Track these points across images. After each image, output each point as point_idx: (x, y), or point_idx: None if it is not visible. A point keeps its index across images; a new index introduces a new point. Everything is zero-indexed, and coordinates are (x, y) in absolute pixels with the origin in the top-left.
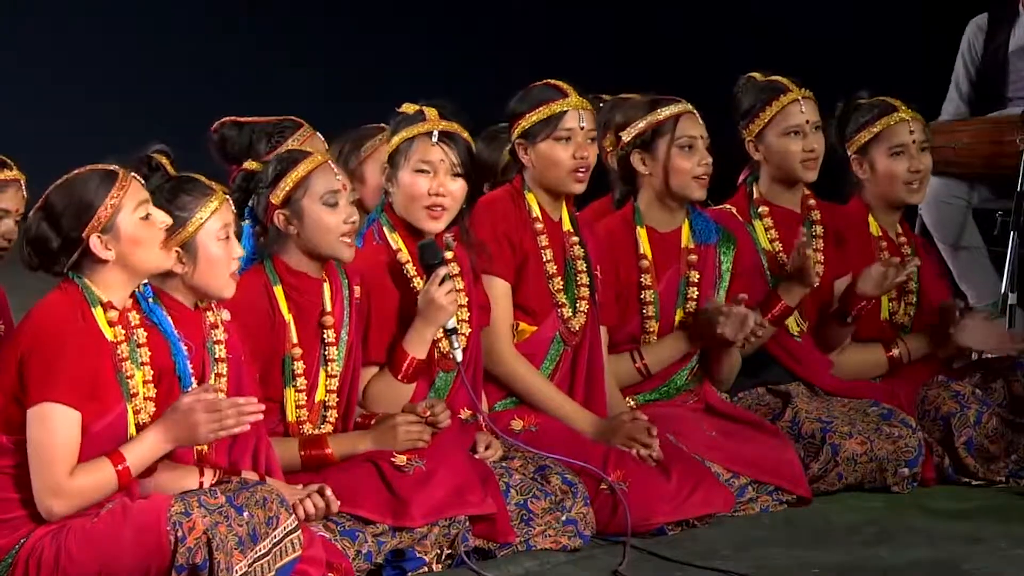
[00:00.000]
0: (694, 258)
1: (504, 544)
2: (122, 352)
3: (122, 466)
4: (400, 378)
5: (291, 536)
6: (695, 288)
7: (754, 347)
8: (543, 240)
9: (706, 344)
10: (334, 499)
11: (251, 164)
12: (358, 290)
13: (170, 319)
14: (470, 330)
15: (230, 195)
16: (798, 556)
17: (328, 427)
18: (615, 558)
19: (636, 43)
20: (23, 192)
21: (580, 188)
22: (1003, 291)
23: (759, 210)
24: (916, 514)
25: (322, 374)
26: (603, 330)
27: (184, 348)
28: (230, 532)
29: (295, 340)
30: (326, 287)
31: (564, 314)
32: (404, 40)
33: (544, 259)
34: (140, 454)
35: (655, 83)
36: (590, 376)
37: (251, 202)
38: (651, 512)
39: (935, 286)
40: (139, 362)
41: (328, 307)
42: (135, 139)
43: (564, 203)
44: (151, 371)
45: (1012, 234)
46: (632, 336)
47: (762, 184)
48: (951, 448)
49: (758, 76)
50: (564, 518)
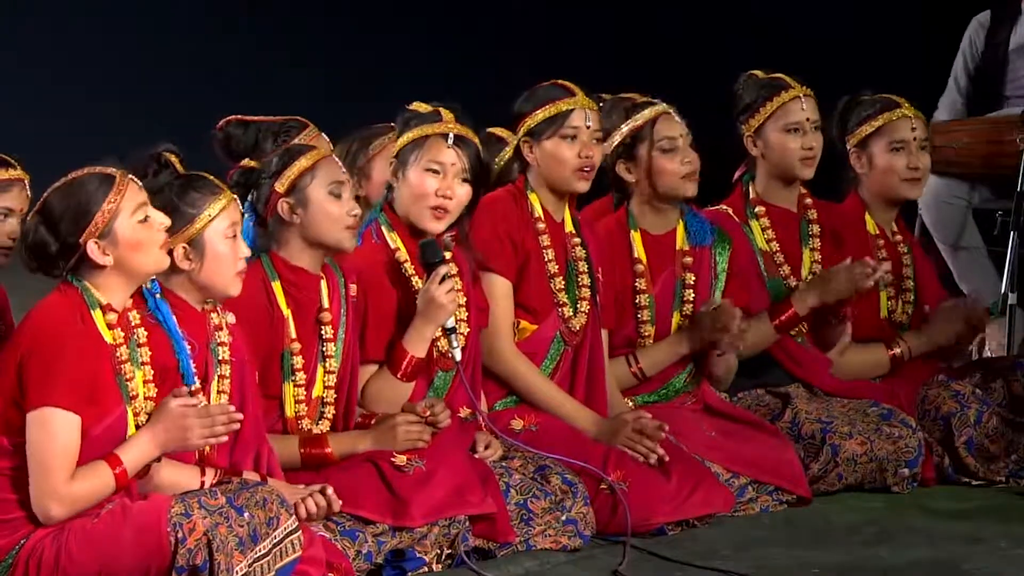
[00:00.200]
0: (689, 260)
1: (504, 544)
2: (121, 355)
3: (119, 469)
4: (399, 376)
5: (291, 536)
6: (691, 290)
7: (755, 349)
8: (545, 240)
9: (702, 348)
10: (336, 499)
11: (249, 162)
12: (354, 288)
13: (174, 317)
14: (468, 330)
15: (232, 192)
16: (798, 556)
17: (326, 424)
18: (615, 558)
19: (636, 43)
20: (27, 191)
21: (584, 187)
22: (1003, 291)
23: (755, 210)
24: (916, 514)
25: (320, 370)
26: (604, 333)
27: (187, 346)
28: (230, 533)
29: (293, 335)
30: (323, 284)
31: (565, 314)
32: (404, 40)
33: (545, 259)
34: (134, 456)
35: (655, 83)
36: (591, 376)
37: (250, 196)
38: (651, 512)
39: (932, 285)
40: (139, 362)
41: (326, 304)
42: (135, 139)
43: (567, 204)
44: (151, 371)
45: (1012, 234)
46: (628, 340)
47: (759, 182)
48: (951, 448)
49: (759, 73)
50: (564, 518)
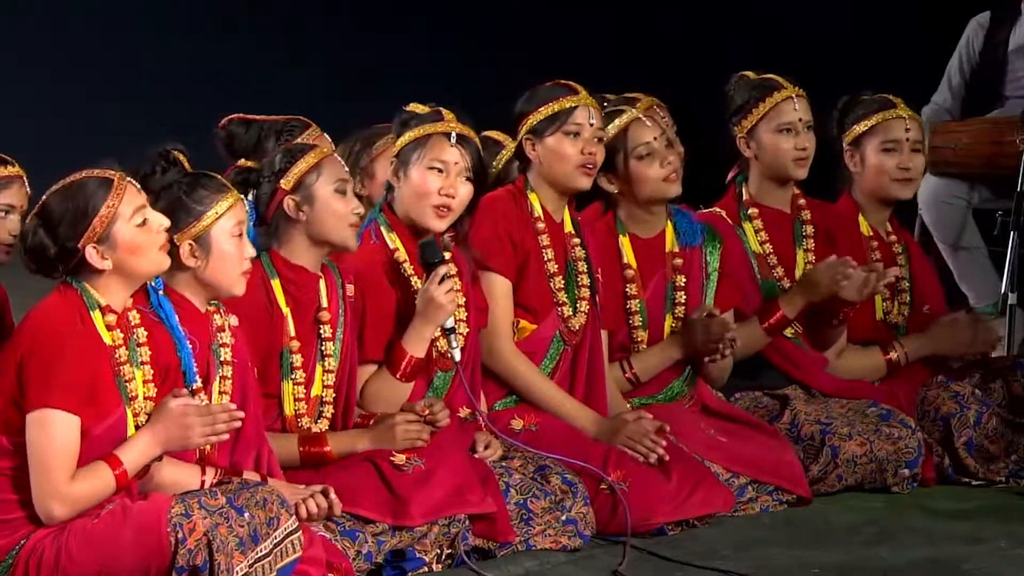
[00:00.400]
0: (679, 262)
1: (504, 544)
2: (120, 356)
3: (120, 470)
4: (398, 376)
5: (292, 537)
6: (682, 292)
7: (747, 353)
8: (544, 239)
9: (695, 354)
10: (337, 502)
11: (245, 162)
12: (351, 288)
13: (177, 316)
14: (467, 330)
15: None
16: (798, 556)
17: (325, 423)
18: (615, 558)
19: (636, 43)
20: (26, 188)
21: (587, 183)
22: (1003, 291)
23: (749, 212)
24: (916, 514)
25: (319, 369)
26: (604, 333)
27: (189, 345)
28: (231, 533)
29: (292, 334)
30: (322, 283)
31: (564, 313)
32: (404, 40)
33: (545, 258)
34: (134, 456)
35: (655, 84)
36: (590, 376)
37: (250, 196)
38: (651, 512)
39: (929, 285)
40: (139, 362)
41: (324, 303)
42: (135, 139)
43: (567, 204)
44: (151, 370)
45: (1012, 234)
46: (622, 345)
47: (752, 183)
48: (951, 448)
49: (751, 74)
50: (564, 518)
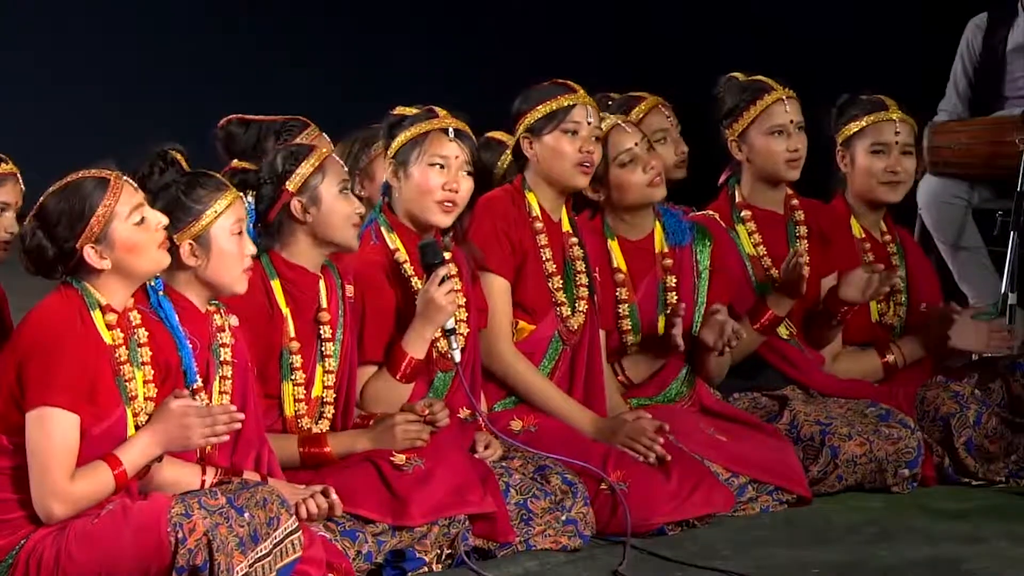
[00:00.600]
0: (669, 262)
1: (504, 544)
2: (121, 355)
3: (119, 470)
4: (398, 378)
5: (292, 537)
6: (674, 293)
7: (742, 355)
8: (542, 239)
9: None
10: (338, 502)
11: (239, 163)
12: (351, 289)
13: (177, 315)
14: (468, 330)
15: None
16: (798, 556)
17: (325, 423)
18: (615, 558)
19: (636, 43)
20: (20, 185)
21: (584, 182)
22: (1003, 291)
23: (742, 214)
24: (916, 514)
25: (319, 370)
26: (602, 333)
27: (189, 344)
28: (231, 533)
29: (292, 334)
30: (322, 283)
31: (563, 313)
32: (404, 40)
33: (543, 258)
34: (133, 456)
35: (655, 84)
36: (589, 376)
37: (250, 198)
38: (651, 512)
39: (925, 286)
40: (139, 362)
41: (324, 303)
42: (135, 139)
43: (564, 203)
44: (152, 371)
45: (1012, 234)
46: (614, 349)
47: (744, 185)
48: (951, 448)
49: (740, 76)
50: (564, 518)
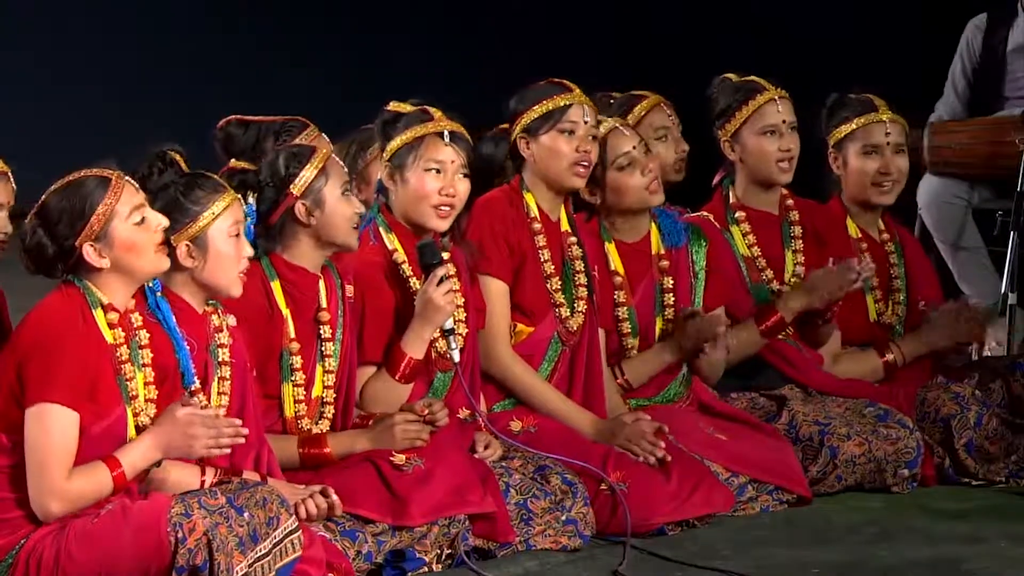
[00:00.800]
0: (666, 264)
1: (504, 544)
2: (122, 355)
3: (118, 471)
4: (398, 378)
5: (291, 536)
6: (671, 294)
7: (743, 356)
8: (540, 240)
9: (688, 356)
10: (338, 502)
11: (238, 163)
12: (350, 289)
13: (174, 317)
14: (466, 330)
15: None
16: (798, 556)
17: (326, 424)
18: (615, 558)
19: (636, 43)
20: (12, 184)
21: (581, 183)
22: (1003, 291)
23: (736, 215)
24: (916, 514)
25: (319, 370)
26: (601, 332)
27: (186, 346)
28: (230, 533)
29: (292, 335)
30: (322, 284)
31: (562, 314)
32: (404, 40)
33: (541, 259)
34: (134, 459)
35: (655, 84)
36: (589, 377)
37: (251, 199)
38: (651, 512)
39: (924, 284)
40: (140, 364)
41: (324, 304)
42: (135, 139)
43: (563, 203)
44: (152, 373)
45: (1012, 234)
46: (613, 351)
47: (738, 186)
48: (951, 449)
49: (733, 77)
50: (564, 518)
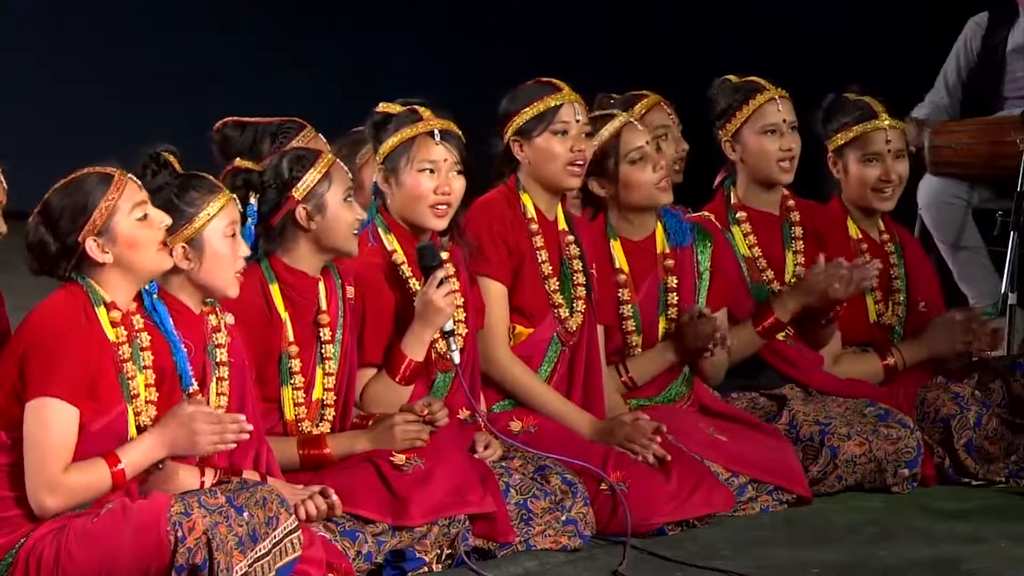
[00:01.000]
0: (671, 263)
1: (504, 544)
2: (124, 353)
3: (117, 468)
4: (398, 380)
5: (291, 536)
6: (675, 293)
7: (742, 356)
8: (538, 241)
9: (690, 356)
10: (338, 502)
11: (242, 162)
12: (351, 290)
13: (171, 319)
14: (466, 331)
15: None
16: (798, 556)
17: (326, 425)
18: (615, 558)
19: (636, 43)
20: (3, 183)
21: (576, 182)
22: (1003, 291)
23: (737, 215)
24: (916, 514)
25: (319, 372)
26: (600, 329)
27: (184, 349)
28: (230, 532)
29: (291, 338)
30: (321, 286)
31: (561, 315)
32: (404, 40)
33: (540, 260)
34: (135, 457)
35: (655, 84)
36: (588, 376)
37: (253, 200)
38: (651, 512)
39: (924, 285)
40: (141, 365)
41: (324, 306)
42: (135, 139)
43: (560, 201)
44: (153, 375)
45: (1012, 234)
46: (617, 349)
47: (739, 186)
48: (951, 449)
49: (734, 77)
50: (564, 518)
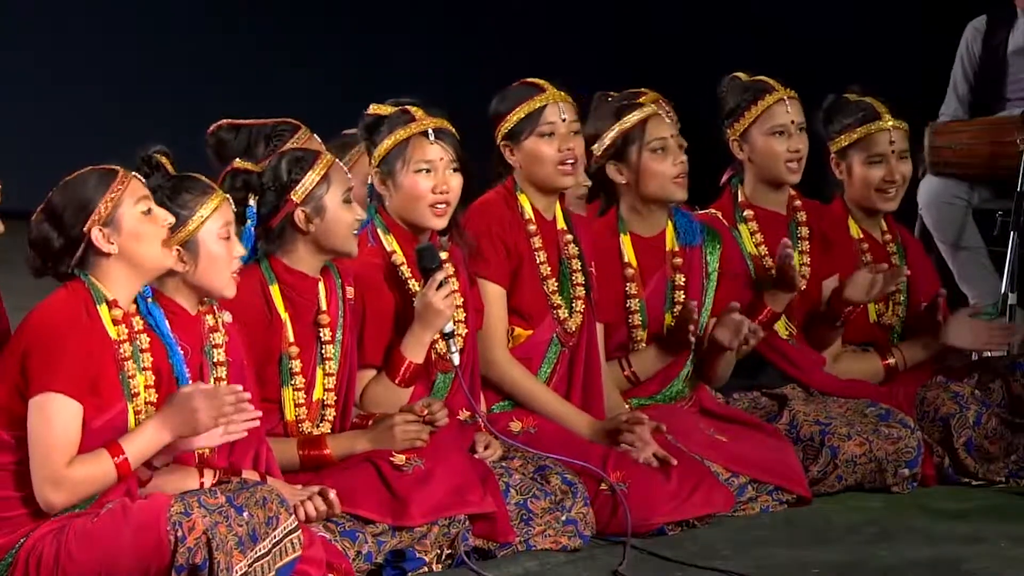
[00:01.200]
0: (679, 261)
1: (504, 544)
2: (124, 351)
3: (121, 458)
4: (397, 382)
5: (291, 536)
6: (681, 291)
7: (744, 352)
8: (536, 242)
9: (685, 348)
10: (336, 502)
11: (241, 163)
12: (351, 290)
13: (167, 322)
14: (466, 331)
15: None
16: (798, 556)
17: (327, 426)
18: (615, 558)
19: (636, 43)
20: None
21: (569, 182)
22: (1003, 291)
23: (744, 213)
24: (916, 514)
25: (319, 373)
26: (600, 328)
27: (180, 351)
28: (230, 532)
29: (292, 339)
30: (321, 286)
31: (560, 315)
32: (404, 40)
33: (538, 261)
34: (139, 446)
35: (655, 83)
36: (588, 376)
37: (252, 201)
38: (651, 512)
39: (925, 286)
40: (141, 366)
41: (324, 306)
42: (135, 139)
43: (558, 200)
44: (153, 376)
45: (1012, 234)
46: (621, 344)
47: (747, 185)
48: (951, 449)
49: (743, 76)
50: (564, 518)
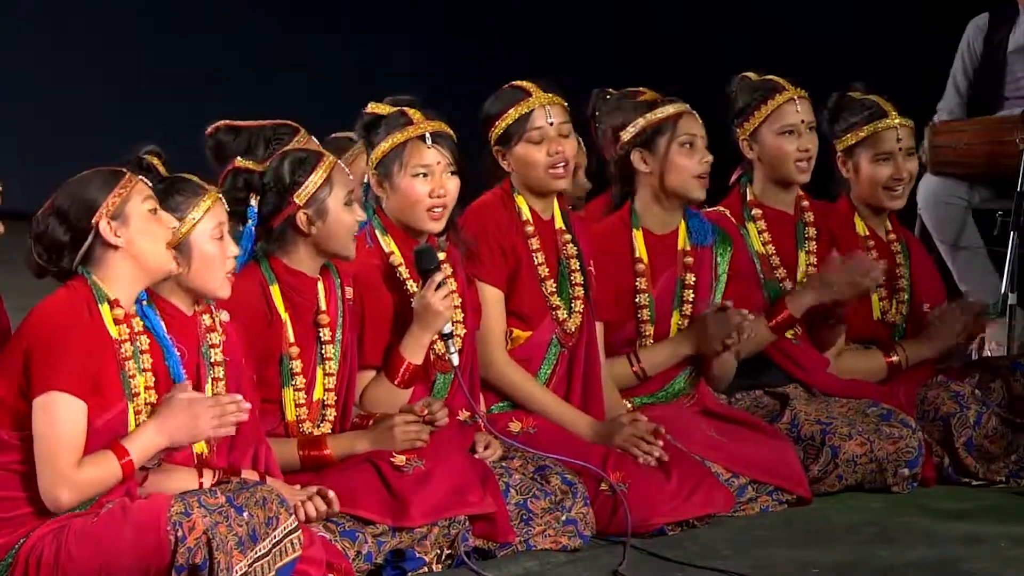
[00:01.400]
0: (690, 260)
1: (504, 544)
2: (125, 351)
3: (126, 459)
4: (397, 383)
5: (291, 536)
6: (691, 291)
7: (752, 351)
8: (535, 243)
9: (705, 350)
10: (336, 501)
11: (243, 161)
12: (350, 291)
13: (163, 323)
14: (465, 331)
15: (229, 194)
16: (798, 556)
17: (327, 426)
18: (615, 558)
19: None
20: None
21: (562, 184)
22: (1003, 291)
23: (752, 212)
24: (916, 514)
25: (319, 373)
26: (599, 327)
27: (176, 352)
28: (230, 532)
29: (292, 339)
30: (320, 286)
31: (559, 316)
32: (404, 40)
33: (536, 262)
34: (141, 448)
35: (655, 83)
36: (587, 377)
37: (253, 201)
38: (651, 512)
39: (928, 285)
40: (141, 367)
41: (323, 306)
42: (135, 139)
43: (556, 200)
44: (152, 377)
45: (1012, 234)
46: (628, 340)
47: (755, 184)
48: (951, 448)
49: (753, 75)
50: (564, 518)
